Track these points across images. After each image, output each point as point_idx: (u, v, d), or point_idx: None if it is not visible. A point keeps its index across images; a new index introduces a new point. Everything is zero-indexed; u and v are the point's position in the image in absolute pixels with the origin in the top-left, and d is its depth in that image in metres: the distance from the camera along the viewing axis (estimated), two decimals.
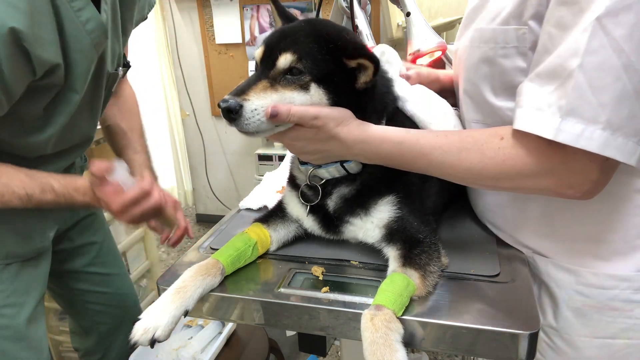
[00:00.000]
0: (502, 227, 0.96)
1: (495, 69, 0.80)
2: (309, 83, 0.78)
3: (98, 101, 1.19)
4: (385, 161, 0.82)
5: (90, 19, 1.00)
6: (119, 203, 1.02)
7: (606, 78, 0.62)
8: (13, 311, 1.15)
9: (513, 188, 0.78)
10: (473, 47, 0.84)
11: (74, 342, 1.62)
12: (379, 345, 0.66)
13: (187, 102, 3.59)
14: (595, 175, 0.68)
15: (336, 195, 0.89)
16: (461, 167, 0.76)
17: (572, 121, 0.64)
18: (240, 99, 0.75)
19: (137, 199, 1.03)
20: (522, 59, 0.76)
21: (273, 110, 0.75)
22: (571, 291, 0.84)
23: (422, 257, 0.81)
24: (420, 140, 0.78)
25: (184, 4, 3.34)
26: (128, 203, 1.02)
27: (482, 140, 0.75)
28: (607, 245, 0.81)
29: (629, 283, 0.80)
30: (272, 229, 0.96)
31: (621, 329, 0.82)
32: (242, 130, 0.78)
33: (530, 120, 0.69)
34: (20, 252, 1.17)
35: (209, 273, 0.83)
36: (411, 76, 1.04)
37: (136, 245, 2.43)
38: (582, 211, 0.81)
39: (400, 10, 1.39)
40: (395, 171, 0.86)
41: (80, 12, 0.98)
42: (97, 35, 1.02)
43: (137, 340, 0.75)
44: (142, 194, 1.03)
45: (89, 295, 1.48)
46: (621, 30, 0.61)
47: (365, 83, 0.81)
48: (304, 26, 0.82)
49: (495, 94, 0.82)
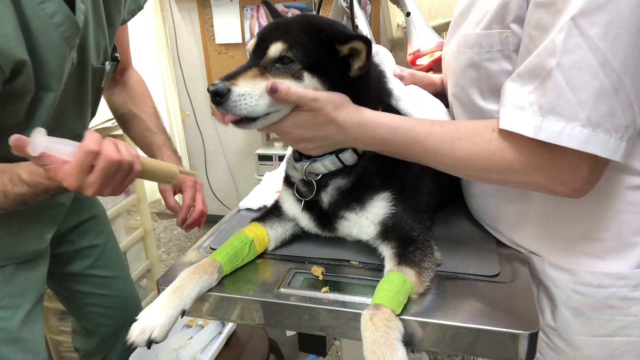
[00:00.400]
0: (497, 228, 0.96)
1: (482, 72, 0.81)
2: (301, 71, 0.79)
3: (85, 97, 1.15)
4: (381, 146, 0.82)
5: (57, 12, 0.94)
6: (66, 176, 0.84)
7: (583, 76, 0.64)
8: (7, 314, 1.14)
9: (504, 181, 0.78)
10: (459, 52, 0.85)
11: (76, 342, 1.61)
12: (379, 345, 0.66)
13: (187, 102, 3.59)
14: (584, 173, 0.69)
15: (332, 188, 0.90)
16: (454, 155, 0.77)
17: (552, 119, 0.66)
18: (229, 83, 0.76)
19: (84, 165, 0.83)
20: (508, 62, 0.77)
21: (273, 85, 0.75)
22: (568, 290, 0.84)
23: (417, 254, 0.81)
24: (416, 127, 0.79)
25: (184, 4, 3.34)
26: (75, 172, 0.83)
27: (475, 130, 0.76)
28: (602, 244, 0.81)
29: (626, 281, 0.80)
30: (268, 227, 0.96)
31: (619, 327, 0.82)
32: (229, 111, 0.77)
33: (512, 119, 0.70)
34: (15, 254, 1.16)
35: (205, 271, 0.83)
36: (405, 76, 1.05)
37: (136, 245, 2.43)
38: (575, 210, 0.82)
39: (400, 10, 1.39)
40: (391, 166, 0.88)
41: (44, 4, 0.92)
42: (66, 28, 0.96)
43: (134, 341, 0.75)
44: (87, 155, 0.82)
45: (90, 297, 1.48)
46: (596, 29, 0.62)
47: (360, 69, 0.82)
48: (297, 19, 0.85)
49: (484, 97, 0.83)
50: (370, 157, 0.89)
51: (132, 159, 0.86)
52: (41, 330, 1.25)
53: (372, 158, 0.89)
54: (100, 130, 2.11)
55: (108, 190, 0.88)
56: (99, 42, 1.12)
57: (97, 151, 0.82)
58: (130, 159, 0.86)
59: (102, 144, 0.84)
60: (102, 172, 0.83)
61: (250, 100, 0.76)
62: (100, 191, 0.86)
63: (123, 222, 2.32)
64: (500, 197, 0.92)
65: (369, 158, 0.89)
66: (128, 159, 0.86)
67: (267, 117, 0.79)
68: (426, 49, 1.32)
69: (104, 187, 0.86)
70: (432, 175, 0.94)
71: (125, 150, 0.86)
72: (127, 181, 0.89)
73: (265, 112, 0.78)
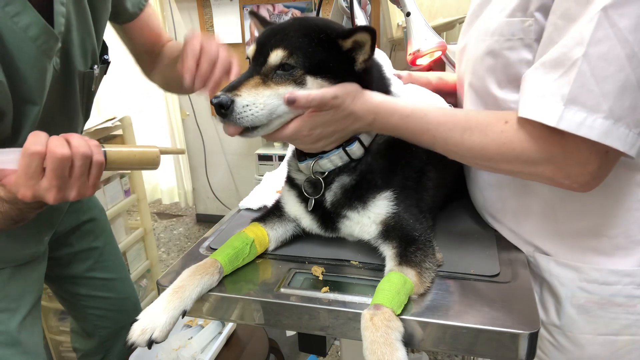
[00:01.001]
0: (502, 221, 0.96)
1: (501, 61, 0.81)
2: (303, 76, 0.79)
3: (73, 104, 1.11)
4: (393, 132, 0.83)
5: (32, 24, 0.88)
6: (17, 187, 0.75)
7: (609, 68, 0.63)
8: (5, 316, 1.14)
9: (510, 171, 0.79)
10: (479, 41, 0.85)
11: (74, 341, 1.61)
12: (379, 345, 0.66)
13: (187, 102, 3.59)
14: (593, 167, 0.69)
15: (337, 185, 0.89)
16: (464, 145, 0.77)
17: (574, 109, 0.65)
18: (232, 94, 0.76)
19: (30, 170, 0.73)
20: (528, 51, 0.77)
21: (290, 96, 0.76)
22: (574, 288, 0.84)
23: (418, 254, 0.81)
24: (428, 115, 0.80)
25: (184, 4, 3.34)
26: (24, 179, 0.74)
27: (487, 122, 0.76)
28: (609, 240, 0.81)
29: (632, 278, 0.80)
30: (269, 228, 0.96)
31: (624, 325, 0.82)
32: (235, 123, 0.77)
33: (534, 107, 0.70)
34: (13, 256, 1.15)
35: (206, 272, 0.83)
36: (403, 76, 1.06)
37: (136, 245, 2.43)
38: (584, 205, 0.81)
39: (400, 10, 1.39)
40: (394, 163, 0.88)
41: (18, 17, 0.86)
42: (43, 40, 0.90)
43: (135, 341, 0.75)
44: (30, 158, 0.72)
45: (89, 299, 1.47)
46: (626, 21, 0.62)
47: (365, 61, 0.82)
48: (293, 23, 0.84)
49: (500, 86, 0.83)
50: (375, 151, 0.89)
51: (86, 150, 0.76)
52: (40, 332, 1.25)
53: (377, 153, 0.89)
54: (100, 131, 2.11)
55: (73, 193, 0.79)
56: (85, 45, 1.07)
57: (42, 151, 0.74)
58: (84, 150, 0.76)
59: (48, 142, 0.75)
60: (54, 172, 0.75)
61: (254, 110, 0.76)
62: (62, 195, 0.78)
63: (123, 222, 2.32)
64: (507, 190, 0.92)
65: (374, 153, 0.89)
66: (82, 151, 0.76)
67: (270, 124, 0.79)
68: (426, 49, 1.32)
69: (64, 189, 0.78)
70: (436, 171, 0.94)
71: (79, 142, 0.77)
72: (93, 178, 0.80)
73: (268, 120, 0.78)
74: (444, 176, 1.00)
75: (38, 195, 0.76)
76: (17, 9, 0.85)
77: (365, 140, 0.88)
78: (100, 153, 0.80)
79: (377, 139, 0.90)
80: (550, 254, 0.88)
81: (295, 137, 0.82)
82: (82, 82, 1.11)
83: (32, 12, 0.88)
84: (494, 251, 0.91)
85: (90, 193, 0.82)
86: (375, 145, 0.90)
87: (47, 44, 0.92)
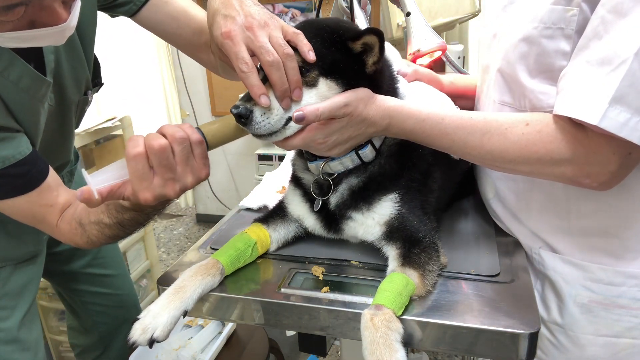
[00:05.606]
0: (514, 213, 0.94)
1: (535, 49, 0.78)
2: (316, 78, 0.78)
3: (68, 129, 1.14)
4: (409, 136, 0.82)
5: (23, 76, 0.90)
6: (135, 194, 0.78)
7: None
8: (5, 314, 1.15)
9: (529, 172, 0.78)
10: (515, 26, 0.82)
11: (72, 338, 1.62)
12: (378, 345, 0.66)
13: (187, 102, 3.59)
14: (614, 167, 0.68)
15: (344, 187, 0.89)
16: (483, 149, 0.76)
17: (618, 109, 0.64)
18: (250, 104, 0.76)
19: (138, 173, 0.76)
20: (566, 42, 0.74)
21: (298, 115, 0.75)
22: (578, 286, 0.84)
23: (422, 256, 0.81)
24: (445, 119, 0.78)
25: None
26: (138, 184, 0.77)
27: (507, 124, 0.75)
28: (620, 242, 0.81)
29: (637, 280, 0.80)
30: (272, 229, 0.96)
31: (626, 328, 0.82)
32: (256, 134, 0.78)
33: (574, 105, 0.68)
34: (13, 255, 1.16)
35: (208, 273, 0.83)
36: (408, 73, 1.04)
37: (136, 245, 2.43)
38: (599, 204, 0.81)
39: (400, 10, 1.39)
40: (403, 166, 0.87)
41: (7, 71, 0.88)
42: (36, 89, 0.93)
43: (136, 340, 0.75)
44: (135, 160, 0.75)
45: (88, 295, 1.48)
46: None
47: (375, 64, 0.81)
48: (304, 25, 0.83)
49: (531, 75, 0.80)
50: (386, 154, 0.89)
51: (181, 134, 0.77)
52: (39, 329, 1.26)
53: (388, 156, 0.88)
54: (100, 130, 2.11)
55: (188, 179, 0.79)
56: (77, 74, 1.08)
57: (142, 152, 0.75)
58: (180, 135, 0.76)
59: (145, 141, 0.76)
60: (161, 165, 0.76)
61: (272, 118, 0.77)
62: (180, 185, 0.78)
63: None
64: (521, 183, 0.91)
65: (386, 156, 0.88)
66: (178, 136, 0.76)
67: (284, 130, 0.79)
68: (426, 49, 1.32)
69: (178, 179, 0.78)
70: (441, 173, 0.94)
71: (172, 130, 0.77)
72: (199, 158, 0.80)
73: (282, 130, 0.78)
74: (449, 178, 0.99)
75: (158, 194, 0.77)
76: (4, 64, 0.87)
77: (376, 143, 0.88)
78: (196, 132, 0.80)
79: (386, 141, 0.89)
80: (557, 250, 0.87)
81: (310, 144, 0.81)
82: (76, 108, 1.13)
83: (21, 64, 0.89)
84: (494, 251, 0.91)
85: (205, 173, 0.81)
86: (386, 148, 0.89)
87: (40, 91, 0.94)
